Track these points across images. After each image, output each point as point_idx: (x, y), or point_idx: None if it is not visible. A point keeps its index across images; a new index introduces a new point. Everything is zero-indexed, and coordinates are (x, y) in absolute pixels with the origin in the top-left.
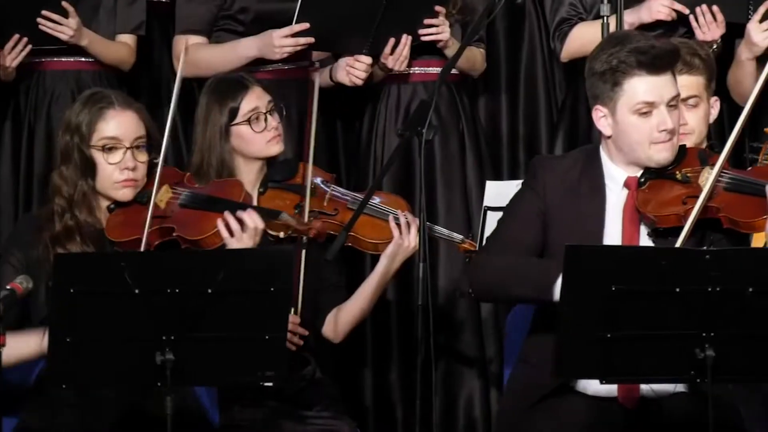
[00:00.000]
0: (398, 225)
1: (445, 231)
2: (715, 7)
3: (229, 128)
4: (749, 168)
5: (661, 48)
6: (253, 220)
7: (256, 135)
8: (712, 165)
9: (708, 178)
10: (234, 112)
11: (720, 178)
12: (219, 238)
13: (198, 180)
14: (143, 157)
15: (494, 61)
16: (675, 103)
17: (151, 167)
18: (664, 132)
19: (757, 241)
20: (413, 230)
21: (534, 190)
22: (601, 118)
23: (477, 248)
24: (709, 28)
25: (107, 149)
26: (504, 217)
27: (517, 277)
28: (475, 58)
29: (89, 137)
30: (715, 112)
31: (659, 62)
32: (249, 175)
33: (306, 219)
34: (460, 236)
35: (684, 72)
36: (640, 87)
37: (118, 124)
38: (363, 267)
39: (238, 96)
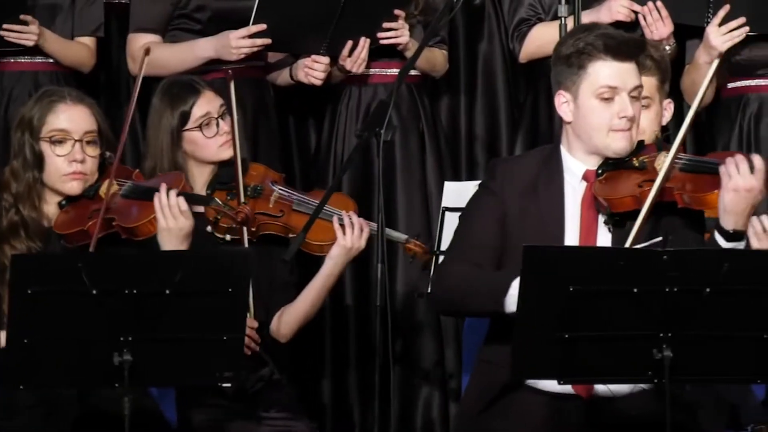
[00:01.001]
0: (342, 226)
1: (389, 231)
2: (659, 3)
3: (181, 133)
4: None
5: (629, 36)
6: (179, 201)
7: (208, 140)
8: (668, 150)
9: (664, 160)
10: (185, 117)
11: (676, 161)
12: (153, 227)
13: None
14: (93, 151)
15: (454, 62)
16: (637, 94)
17: (102, 163)
18: (624, 119)
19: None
20: (357, 231)
21: (492, 193)
22: (563, 103)
23: (425, 248)
24: (656, 26)
25: (55, 141)
26: (462, 221)
27: (472, 292)
28: (435, 59)
29: (39, 130)
30: (668, 115)
31: (625, 48)
32: (201, 178)
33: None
34: (404, 236)
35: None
36: (604, 71)
37: (68, 117)
38: (318, 266)
39: (189, 101)
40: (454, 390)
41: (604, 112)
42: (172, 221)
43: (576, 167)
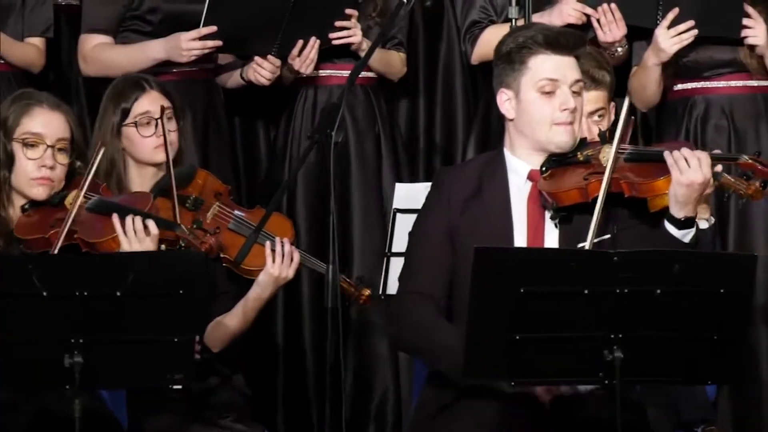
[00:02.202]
0: (273, 252)
1: (314, 261)
2: (613, 5)
3: (120, 128)
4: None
5: (568, 30)
6: (149, 225)
7: (143, 140)
8: (611, 142)
9: (608, 151)
10: (126, 113)
11: (620, 152)
12: (116, 244)
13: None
14: (63, 159)
15: (413, 64)
16: (578, 89)
17: (72, 172)
18: (566, 111)
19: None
20: (287, 261)
21: (438, 205)
22: (505, 101)
23: (357, 288)
24: (609, 28)
25: (28, 144)
26: (413, 241)
27: (432, 355)
28: (392, 61)
29: (13, 131)
30: (612, 118)
31: (564, 41)
32: (138, 179)
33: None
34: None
35: (592, 88)
36: (545, 64)
37: (43, 122)
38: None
39: (132, 96)
40: (408, 390)
41: (545, 105)
42: (136, 244)
43: (520, 167)
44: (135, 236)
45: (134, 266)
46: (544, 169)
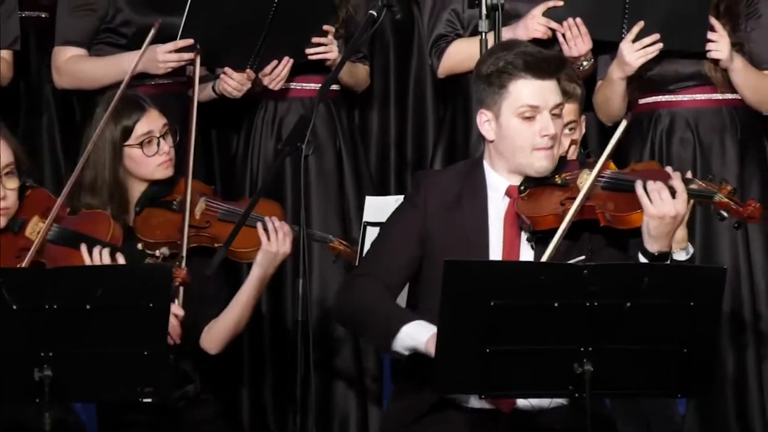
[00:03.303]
0: (267, 231)
1: (313, 232)
2: (579, 20)
3: (122, 148)
4: (627, 169)
5: (549, 54)
6: (118, 259)
7: (148, 158)
8: (591, 168)
9: (587, 178)
10: (127, 133)
11: (598, 180)
12: None
13: (90, 197)
14: (12, 184)
15: (384, 77)
16: (558, 112)
17: (23, 191)
18: (546, 137)
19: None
20: (281, 236)
21: (415, 206)
22: (485, 122)
23: (348, 246)
24: (575, 42)
25: None
26: (381, 234)
27: (369, 323)
28: (359, 74)
29: None
30: (583, 130)
31: (545, 66)
32: (137, 194)
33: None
34: (329, 236)
35: (564, 100)
36: (525, 90)
37: None
38: (241, 276)
39: (133, 116)
40: (374, 403)
41: (526, 131)
42: None
43: (499, 183)
44: None
45: (103, 280)
46: (522, 188)
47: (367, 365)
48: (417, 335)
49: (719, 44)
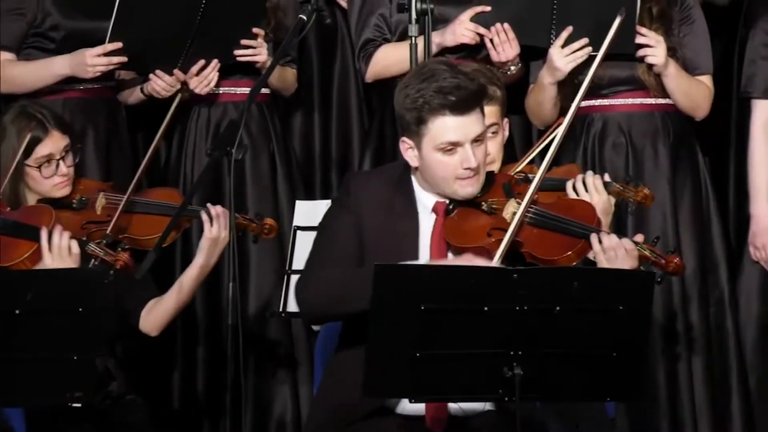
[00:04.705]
0: (210, 218)
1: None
2: (506, 25)
3: (22, 164)
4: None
5: (467, 89)
6: (72, 245)
7: (45, 179)
8: (517, 197)
9: (514, 212)
10: (28, 151)
11: (526, 214)
12: (30, 264)
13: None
14: None
15: (308, 81)
16: (481, 138)
17: None
18: (468, 170)
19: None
20: (223, 221)
21: (347, 207)
22: (407, 149)
23: (255, 224)
24: (503, 47)
25: None
26: (322, 233)
27: (348, 290)
28: (288, 78)
29: None
30: (506, 133)
31: (463, 104)
32: (33, 201)
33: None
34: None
35: (485, 104)
36: (445, 127)
37: None
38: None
39: (34, 138)
40: (308, 407)
41: (448, 163)
42: (59, 262)
43: (426, 199)
44: (59, 254)
45: (33, 284)
46: (450, 207)
47: (300, 368)
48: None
49: (656, 50)
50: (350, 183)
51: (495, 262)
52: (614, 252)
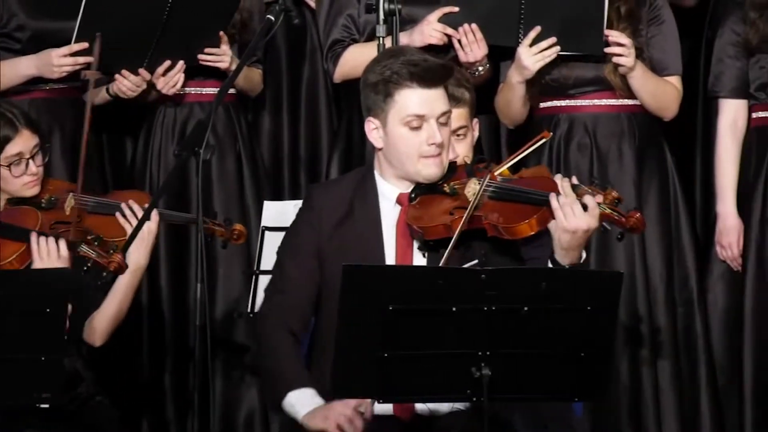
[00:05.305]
0: (126, 218)
1: (179, 214)
2: (474, 26)
3: None
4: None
5: (434, 62)
6: (60, 247)
7: (14, 179)
8: (478, 177)
9: (475, 188)
10: None
11: (486, 189)
12: (16, 265)
13: None
14: None
15: (277, 82)
16: (445, 120)
17: None
18: (434, 146)
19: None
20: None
21: (309, 223)
22: (373, 130)
23: (225, 229)
24: (471, 48)
25: None
26: (281, 255)
27: (266, 379)
28: (254, 78)
29: None
30: (476, 134)
31: (431, 75)
32: (3, 202)
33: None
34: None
35: (453, 106)
36: (412, 99)
37: None
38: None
39: (5, 136)
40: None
41: (413, 139)
42: (48, 263)
43: (389, 191)
44: (48, 255)
45: (1, 284)
46: (413, 196)
47: None
48: (297, 406)
49: (625, 51)
50: (312, 195)
51: (456, 234)
52: (570, 208)
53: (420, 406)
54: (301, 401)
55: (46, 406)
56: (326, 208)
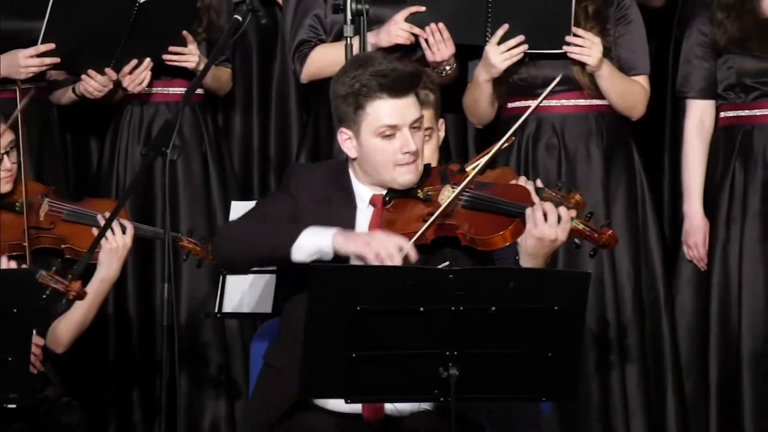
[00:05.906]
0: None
1: (150, 228)
2: (441, 25)
3: None
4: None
5: (403, 71)
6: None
7: None
8: (452, 183)
9: (449, 195)
10: None
11: (459, 198)
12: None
13: None
14: None
15: (246, 80)
16: (418, 125)
17: None
18: (408, 154)
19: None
20: (118, 231)
21: (287, 194)
22: (346, 140)
23: (200, 248)
24: (438, 47)
25: None
26: (255, 206)
27: (259, 236)
28: (222, 77)
29: None
30: (442, 134)
31: (400, 85)
32: None
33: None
34: (176, 234)
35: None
36: (383, 110)
37: None
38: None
39: None
40: (241, 408)
41: (387, 148)
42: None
43: (363, 192)
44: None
45: None
46: (387, 199)
47: (234, 369)
48: (321, 233)
49: (591, 50)
50: (291, 174)
51: (419, 232)
52: (541, 213)
53: (389, 406)
54: (320, 231)
55: (13, 406)
56: (304, 187)
